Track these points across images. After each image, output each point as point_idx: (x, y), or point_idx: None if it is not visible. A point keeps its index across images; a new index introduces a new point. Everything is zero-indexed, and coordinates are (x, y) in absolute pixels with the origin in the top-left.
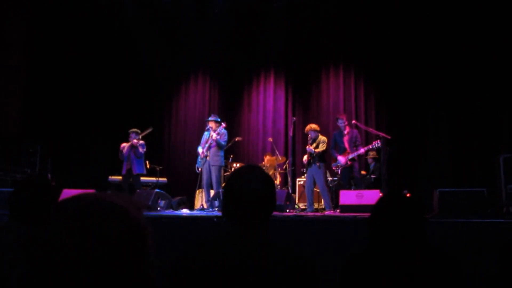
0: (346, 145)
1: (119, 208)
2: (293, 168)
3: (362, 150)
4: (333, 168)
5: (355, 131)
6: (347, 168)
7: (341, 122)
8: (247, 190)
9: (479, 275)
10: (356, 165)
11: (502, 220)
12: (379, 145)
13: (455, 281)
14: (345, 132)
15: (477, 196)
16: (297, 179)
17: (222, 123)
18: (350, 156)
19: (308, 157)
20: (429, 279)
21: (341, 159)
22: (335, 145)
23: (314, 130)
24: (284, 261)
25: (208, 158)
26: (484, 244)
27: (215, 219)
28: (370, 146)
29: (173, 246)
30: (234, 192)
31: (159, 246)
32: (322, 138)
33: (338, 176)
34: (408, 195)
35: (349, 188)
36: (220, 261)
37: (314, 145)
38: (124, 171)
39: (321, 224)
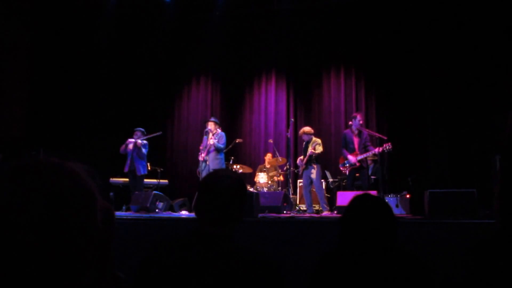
0: (356, 145)
1: (66, 167)
2: (293, 169)
3: (375, 150)
4: (341, 168)
5: (366, 132)
6: (354, 169)
7: (358, 121)
8: (216, 190)
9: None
10: (366, 171)
11: (493, 221)
12: (390, 148)
13: (422, 283)
14: (356, 132)
15: (467, 197)
16: (299, 181)
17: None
18: (360, 157)
19: (305, 158)
20: (396, 280)
21: (351, 158)
22: (345, 145)
23: (307, 134)
24: (245, 260)
25: (208, 162)
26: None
27: None
28: (381, 149)
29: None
30: (204, 191)
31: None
32: (317, 140)
33: (338, 177)
34: (407, 196)
35: (353, 189)
36: (182, 259)
37: (310, 147)
38: (126, 169)
39: (309, 225)
